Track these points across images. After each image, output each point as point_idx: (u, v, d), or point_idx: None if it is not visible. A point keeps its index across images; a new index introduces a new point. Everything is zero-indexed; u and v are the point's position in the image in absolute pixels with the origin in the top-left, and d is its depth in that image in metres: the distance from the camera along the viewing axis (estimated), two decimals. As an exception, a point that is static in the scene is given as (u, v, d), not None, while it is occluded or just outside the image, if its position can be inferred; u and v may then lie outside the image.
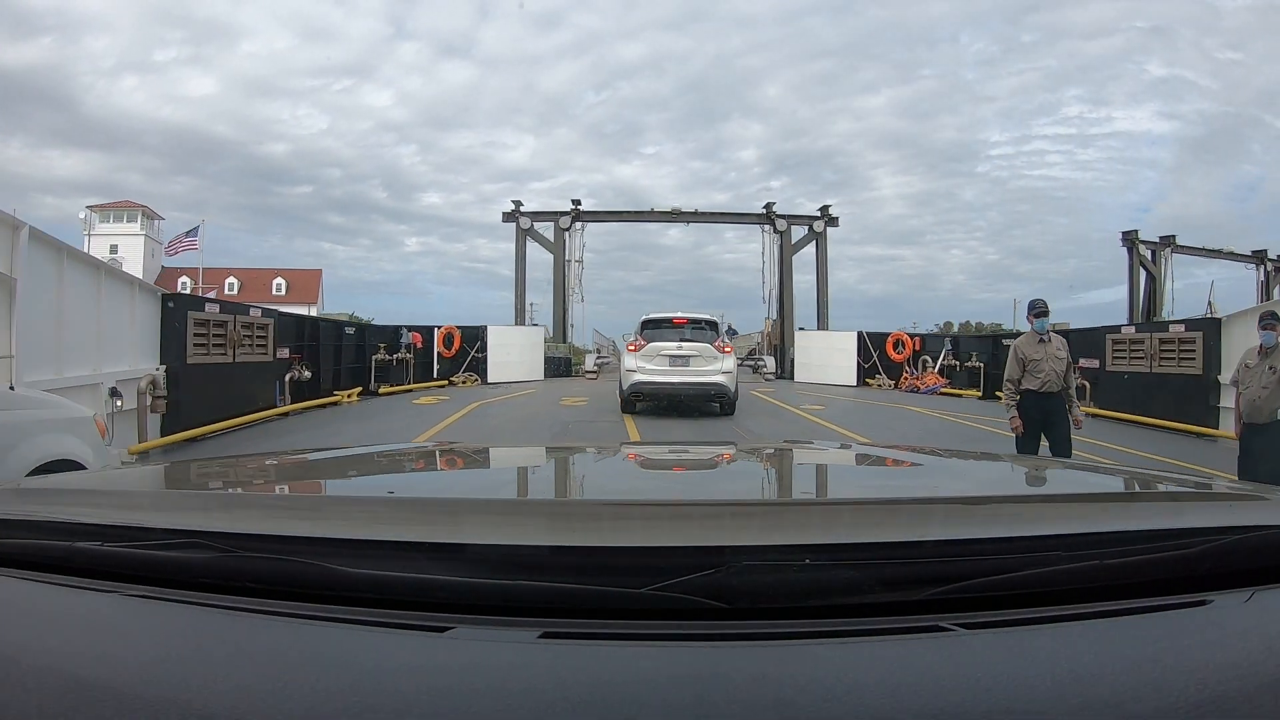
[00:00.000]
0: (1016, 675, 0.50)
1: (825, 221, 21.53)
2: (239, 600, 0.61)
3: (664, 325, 10.24)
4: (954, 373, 16.27)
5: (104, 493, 0.96)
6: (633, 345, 10.19)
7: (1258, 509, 0.84)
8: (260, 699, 0.47)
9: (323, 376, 12.33)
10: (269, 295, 54.90)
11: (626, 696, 0.47)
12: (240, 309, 10.30)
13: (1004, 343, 15.47)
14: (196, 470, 1.33)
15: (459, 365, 16.55)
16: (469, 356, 16.67)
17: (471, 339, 16.79)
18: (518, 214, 20.47)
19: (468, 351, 16.68)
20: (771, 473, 1.42)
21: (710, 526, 0.69)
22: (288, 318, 12.89)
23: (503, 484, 1.33)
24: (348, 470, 1.35)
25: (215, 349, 9.04)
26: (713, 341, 10.03)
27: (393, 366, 14.75)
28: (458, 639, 0.54)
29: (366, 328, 15.20)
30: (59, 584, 0.65)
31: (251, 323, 10.23)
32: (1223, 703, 0.47)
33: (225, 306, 10.02)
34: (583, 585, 0.58)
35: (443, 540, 0.64)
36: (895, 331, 17.97)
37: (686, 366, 9.76)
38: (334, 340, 13.13)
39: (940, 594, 0.59)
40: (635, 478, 1.37)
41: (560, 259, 20.41)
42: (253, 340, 10.09)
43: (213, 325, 9.08)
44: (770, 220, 21.11)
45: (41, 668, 0.52)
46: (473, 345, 16.73)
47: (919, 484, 1.28)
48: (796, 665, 0.51)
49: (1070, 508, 0.82)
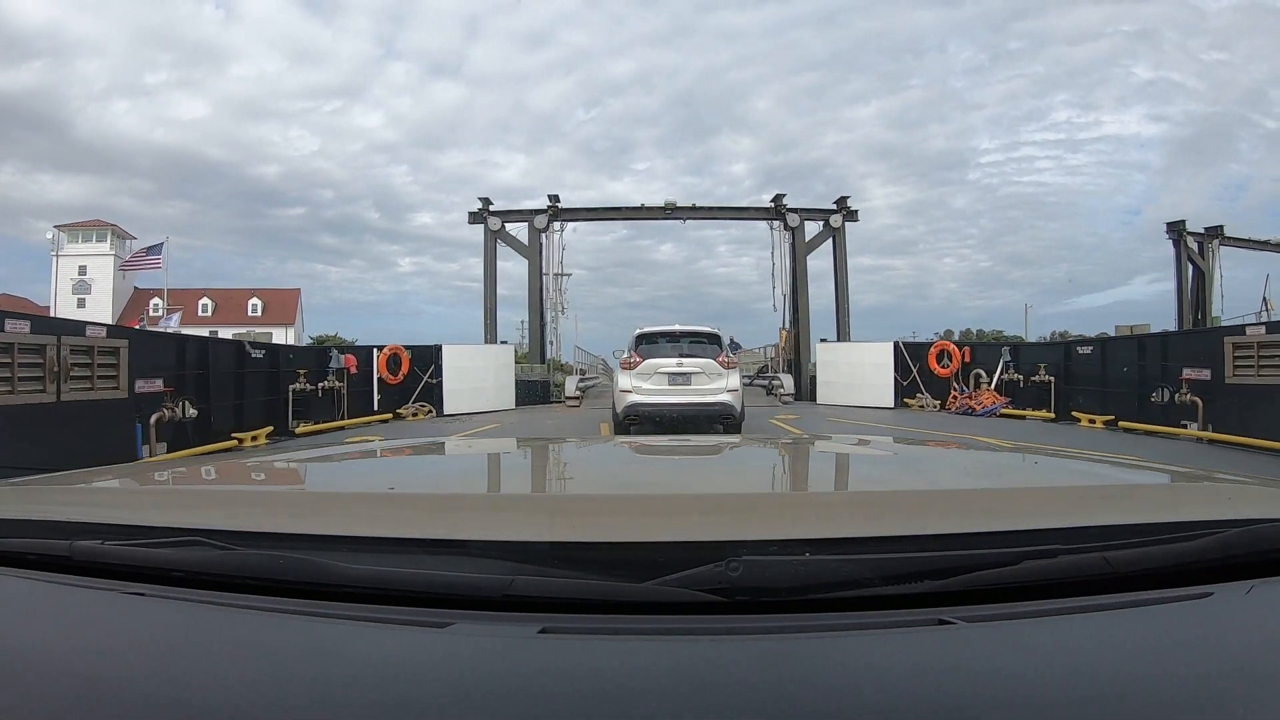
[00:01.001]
0: (1018, 668, 0.50)
1: (843, 215, 18.58)
2: (239, 598, 0.60)
3: (661, 340, 9.29)
4: (1016, 389, 13.30)
5: (103, 491, 0.98)
6: (626, 362, 9.15)
7: (1258, 501, 0.84)
8: (261, 695, 0.47)
9: (216, 414, 9.38)
10: (245, 317, 52.34)
11: (627, 691, 0.47)
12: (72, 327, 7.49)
13: (1079, 350, 12.60)
14: (196, 468, 1.37)
15: (409, 394, 13.52)
16: (421, 383, 13.66)
17: (424, 362, 13.78)
18: (485, 213, 17.45)
19: (420, 377, 13.66)
20: (771, 466, 1.42)
21: (710, 521, 0.69)
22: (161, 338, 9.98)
23: (502, 479, 1.31)
24: (347, 467, 1.36)
25: (25, 383, 6.44)
26: (715, 356, 9.05)
27: (318, 398, 11.76)
28: (458, 634, 0.54)
29: (281, 350, 12.17)
30: (59, 583, 0.65)
31: (89, 345, 7.40)
32: (1224, 695, 0.47)
33: (41, 324, 7.17)
34: (583, 580, 0.59)
35: (443, 536, 0.64)
36: (939, 340, 14.97)
37: (688, 385, 8.83)
38: (233, 366, 10.14)
39: (941, 587, 0.58)
40: (635, 472, 1.34)
41: (536, 265, 17.36)
42: (92, 370, 7.32)
43: (19, 351, 6.38)
44: (780, 215, 18.14)
45: (42, 666, 0.52)
46: (426, 369, 13.73)
47: (920, 477, 1.27)
48: (798, 659, 0.51)
49: (1072, 500, 0.83)
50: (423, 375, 13.76)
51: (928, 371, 14.43)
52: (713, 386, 8.85)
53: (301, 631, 0.56)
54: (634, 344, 9.35)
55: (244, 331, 14.63)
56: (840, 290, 18.75)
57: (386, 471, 1.32)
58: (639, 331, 9.57)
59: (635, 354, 9.12)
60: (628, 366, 9.08)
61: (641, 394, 8.83)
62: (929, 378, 14.41)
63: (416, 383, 13.65)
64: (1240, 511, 0.72)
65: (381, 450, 1.62)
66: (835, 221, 18.52)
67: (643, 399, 8.80)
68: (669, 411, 8.74)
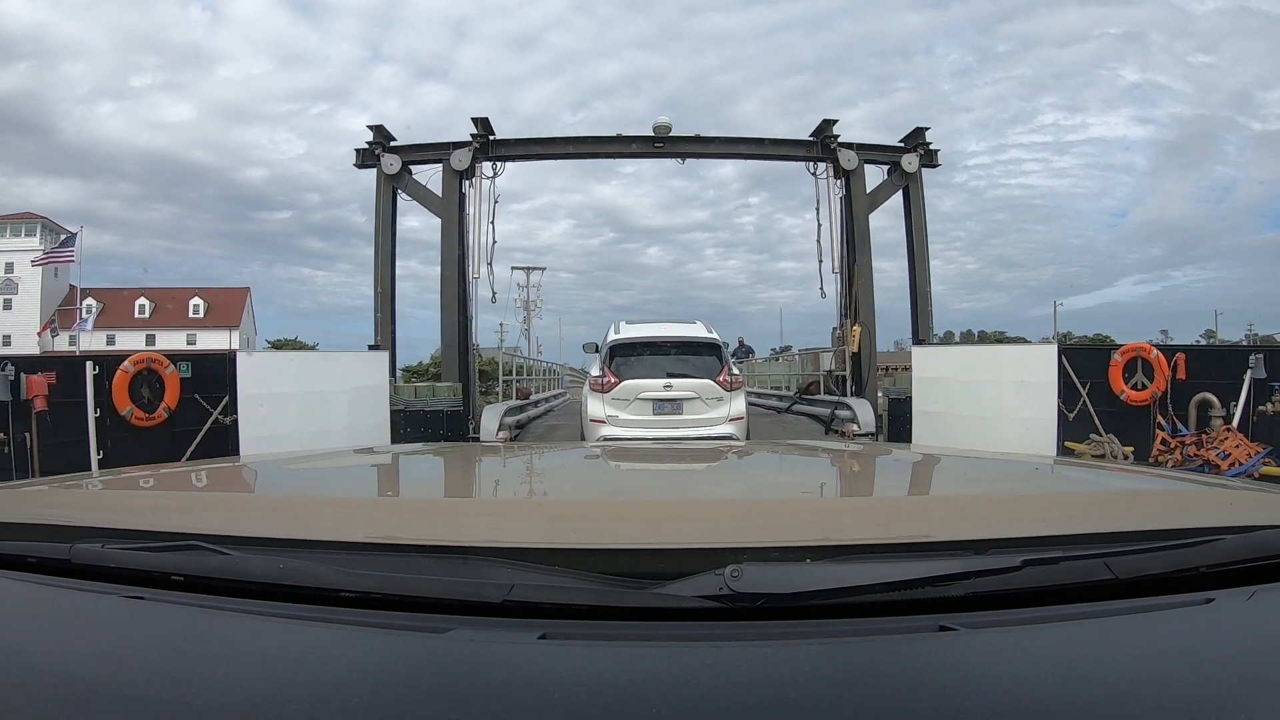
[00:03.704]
0: (1020, 674, 0.50)
1: (920, 158, 12.42)
2: (239, 602, 0.60)
3: (642, 351, 7.07)
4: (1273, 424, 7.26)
5: (104, 495, 0.97)
6: (598, 383, 7.05)
7: (1259, 508, 0.83)
8: (260, 700, 0.47)
9: None
10: (185, 319, 46.27)
11: (627, 697, 0.47)
12: None
13: None
14: (197, 473, 1.30)
15: (183, 443, 7.40)
16: (209, 422, 7.55)
17: (214, 383, 7.69)
18: (379, 151, 11.32)
19: (206, 410, 7.58)
20: (773, 472, 1.40)
21: (711, 527, 0.70)
22: None
23: (502, 485, 1.30)
24: (347, 473, 1.35)
25: None
26: (715, 375, 6.96)
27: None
28: (458, 640, 0.54)
29: None
30: (59, 586, 0.65)
31: None
32: (1226, 700, 0.47)
33: None
34: (583, 586, 0.58)
35: (442, 542, 0.65)
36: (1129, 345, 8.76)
37: (678, 415, 6.85)
38: None
39: (943, 593, 0.58)
40: (636, 478, 1.33)
41: (455, 224, 11.17)
42: None
43: None
44: (829, 155, 11.97)
45: (41, 668, 0.52)
46: (217, 399, 7.64)
47: (921, 484, 1.25)
48: (798, 666, 0.50)
49: (1073, 507, 0.84)
50: (211, 409, 7.66)
51: (1106, 394, 8.30)
52: (711, 415, 6.90)
53: (300, 636, 0.55)
54: (607, 357, 7.13)
55: (185, 335, 8.39)
56: (917, 269, 12.55)
57: (386, 477, 1.31)
58: (614, 339, 7.26)
59: (609, 372, 7.02)
60: (599, 388, 7.04)
61: (618, 426, 6.87)
62: (1108, 402, 8.28)
63: (199, 421, 7.53)
64: (1241, 518, 0.73)
65: (381, 456, 1.62)
66: (909, 164, 12.33)
67: (619, 432, 6.79)
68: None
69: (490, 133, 11.47)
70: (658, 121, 10.99)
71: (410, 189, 11.47)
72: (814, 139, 12.16)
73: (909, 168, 12.33)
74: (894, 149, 12.55)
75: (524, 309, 34.36)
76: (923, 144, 12.48)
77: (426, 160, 11.55)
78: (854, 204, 11.98)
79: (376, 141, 11.40)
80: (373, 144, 11.41)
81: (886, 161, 12.52)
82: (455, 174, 11.22)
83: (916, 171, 12.49)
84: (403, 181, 11.40)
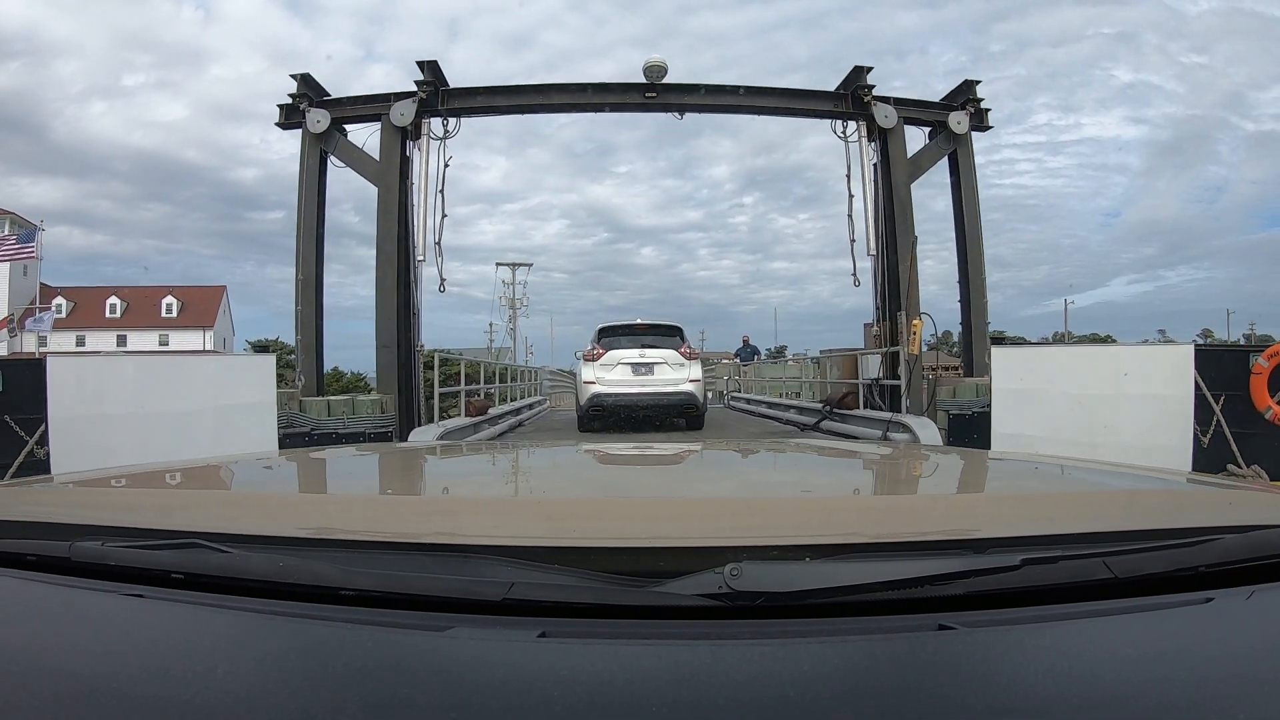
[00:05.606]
0: (1019, 673, 0.50)
1: (969, 117, 10.15)
2: (239, 600, 0.60)
3: (622, 333, 9.33)
4: None
5: (103, 493, 0.97)
6: (589, 354, 9.13)
7: (1258, 507, 0.83)
8: (260, 698, 0.47)
9: None
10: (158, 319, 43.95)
11: (627, 696, 0.47)
12: None
13: None
14: (197, 470, 1.30)
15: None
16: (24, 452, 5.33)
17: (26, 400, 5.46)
18: (305, 106, 9.10)
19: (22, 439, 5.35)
20: (772, 471, 1.40)
21: (710, 526, 0.69)
22: None
23: (502, 483, 1.31)
24: (347, 470, 1.35)
25: None
26: (677, 348, 9.14)
27: None
28: (457, 638, 0.54)
29: None
30: (58, 584, 0.65)
31: None
32: (1225, 700, 0.47)
33: None
34: (583, 584, 0.58)
35: (442, 540, 0.65)
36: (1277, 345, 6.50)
37: (650, 375, 8.93)
38: None
39: (943, 592, 0.58)
40: (636, 477, 1.34)
41: (397, 194, 8.94)
42: None
43: None
44: (861, 110, 9.71)
45: (41, 667, 0.52)
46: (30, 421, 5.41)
47: (921, 482, 1.26)
48: (798, 664, 0.51)
49: (1072, 506, 0.83)
50: (27, 436, 5.43)
51: (1244, 406, 6.08)
52: (675, 376, 8.94)
53: (300, 634, 0.56)
54: (597, 337, 9.30)
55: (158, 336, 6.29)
56: (969, 250, 10.30)
57: (386, 475, 1.31)
58: (602, 326, 9.46)
59: (598, 347, 9.12)
60: (591, 358, 9.04)
61: (605, 385, 8.83)
62: (1245, 422, 6.05)
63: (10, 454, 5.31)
64: (1240, 517, 0.73)
65: (381, 454, 1.63)
66: (957, 124, 10.06)
67: (606, 389, 8.82)
68: (632, 400, 8.75)
69: (442, 82, 9.20)
70: (649, 61, 8.69)
71: (342, 152, 9.20)
72: (843, 91, 9.89)
73: (958, 128, 10.05)
74: (938, 106, 10.28)
75: (509, 308, 32.09)
76: (973, 99, 10.20)
77: (363, 118, 9.29)
78: (893, 170, 9.71)
79: (301, 94, 9.14)
80: (297, 97, 9.16)
81: (929, 121, 10.26)
82: (396, 131, 8.94)
83: (966, 134, 10.22)
84: (332, 142, 9.13)
